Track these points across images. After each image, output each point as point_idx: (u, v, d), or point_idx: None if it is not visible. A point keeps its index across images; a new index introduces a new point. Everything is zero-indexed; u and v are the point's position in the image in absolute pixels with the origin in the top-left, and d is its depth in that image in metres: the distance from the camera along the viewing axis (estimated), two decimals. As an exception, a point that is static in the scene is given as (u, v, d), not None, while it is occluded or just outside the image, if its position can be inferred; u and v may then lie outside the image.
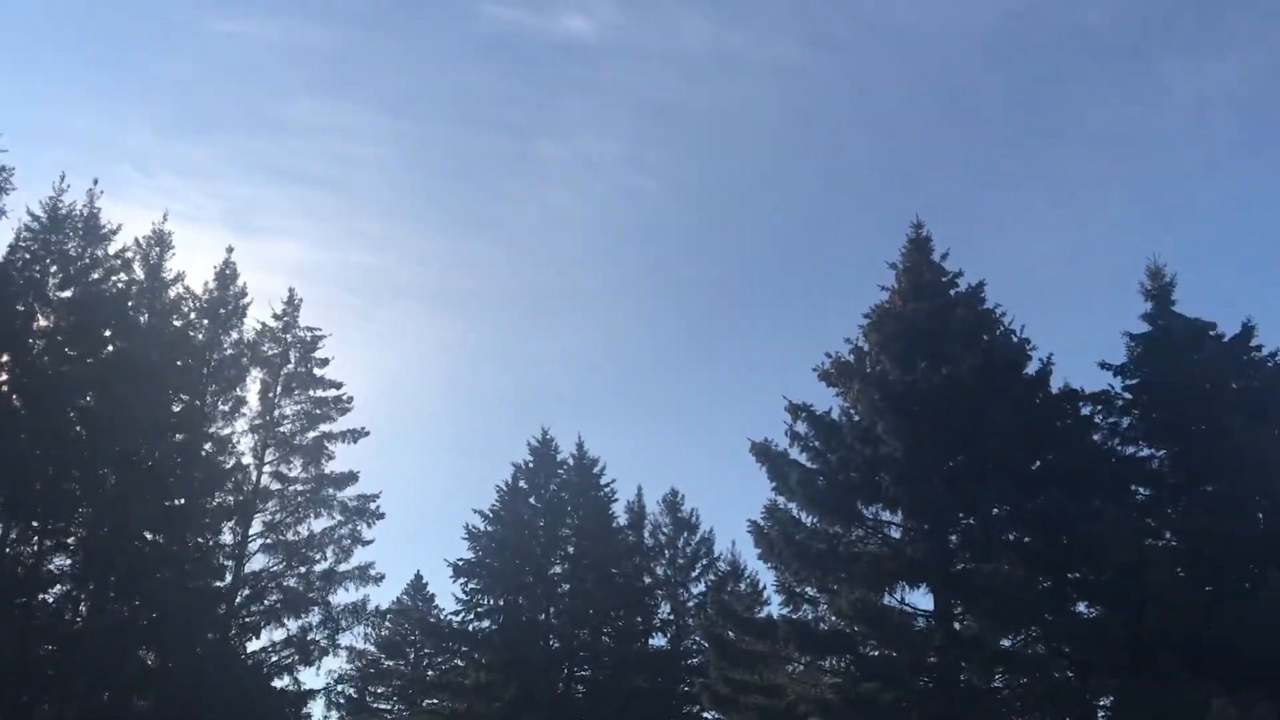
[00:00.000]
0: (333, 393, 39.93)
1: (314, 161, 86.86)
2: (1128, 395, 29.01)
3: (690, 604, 47.59)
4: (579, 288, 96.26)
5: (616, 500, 47.55)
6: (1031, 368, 29.14)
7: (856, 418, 29.50)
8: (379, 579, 38.56)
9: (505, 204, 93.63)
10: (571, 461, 47.47)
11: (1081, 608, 27.89)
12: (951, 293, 30.41)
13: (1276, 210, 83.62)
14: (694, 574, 49.20)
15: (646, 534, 49.73)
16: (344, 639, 38.46)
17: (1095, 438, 28.89)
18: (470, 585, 45.38)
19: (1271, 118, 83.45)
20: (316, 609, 37.21)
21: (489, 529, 45.63)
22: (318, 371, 39.96)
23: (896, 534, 28.91)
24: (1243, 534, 25.58)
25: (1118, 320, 29.21)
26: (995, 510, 28.16)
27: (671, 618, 47.84)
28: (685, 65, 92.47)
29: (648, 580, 48.53)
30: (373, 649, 54.59)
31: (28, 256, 32.67)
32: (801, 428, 29.91)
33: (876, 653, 27.46)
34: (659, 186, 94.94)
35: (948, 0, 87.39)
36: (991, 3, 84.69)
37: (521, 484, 46.74)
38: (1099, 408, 29.15)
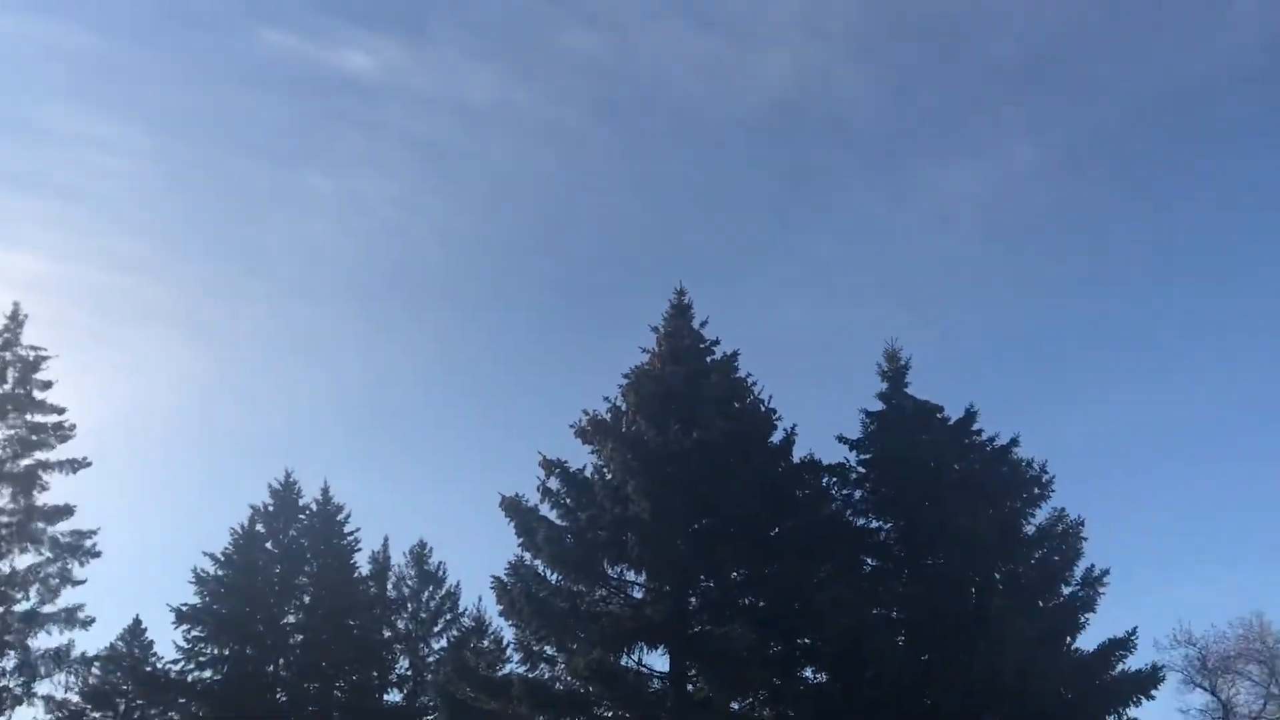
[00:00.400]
0: (54, 418, 36.85)
1: (61, 170, 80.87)
2: (862, 469, 30.52)
3: (431, 659, 46.23)
4: (338, 327, 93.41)
5: (360, 549, 45.83)
6: (776, 437, 30.33)
7: (609, 476, 29.65)
8: (88, 623, 35.60)
9: (268, 235, 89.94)
10: (315, 507, 45.44)
11: (809, 673, 28.90)
12: (708, 359, 31.24)
13: (1004, 306, 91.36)
14: (436, 629, 47.96)
15: (390, 586, 48.14)
16: (42, 687, 35.16)
17: (831, 508, 30.15)
18: (194, 633, 42.44)
19: (1003, 224, 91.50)
20: (13, 653, 33.86)
21: (219, 573, 42.91)
22: (38, 394, 36.82)
23: (639, 594, 29.14)
24: (955, 608, 27.19)
25: (858, 398, 30.82)
26: (734, 574, 28.89)
27: (410, 673, 46.31)
28: (467, 115, 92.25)
29: (387, 634, 46.88)
30: (76, 699, 49.95)
31: None
32: (554, 484, 29.81)
33: (610, 714, 27.42)
34: (429, 232, 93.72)
35: (723, 84, 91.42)
36: (763, 91, 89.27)
37: (259, 527, 44.31)
38: (835, 479, 30.51)
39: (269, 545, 44.13)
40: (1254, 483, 77.01)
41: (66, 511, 35.72)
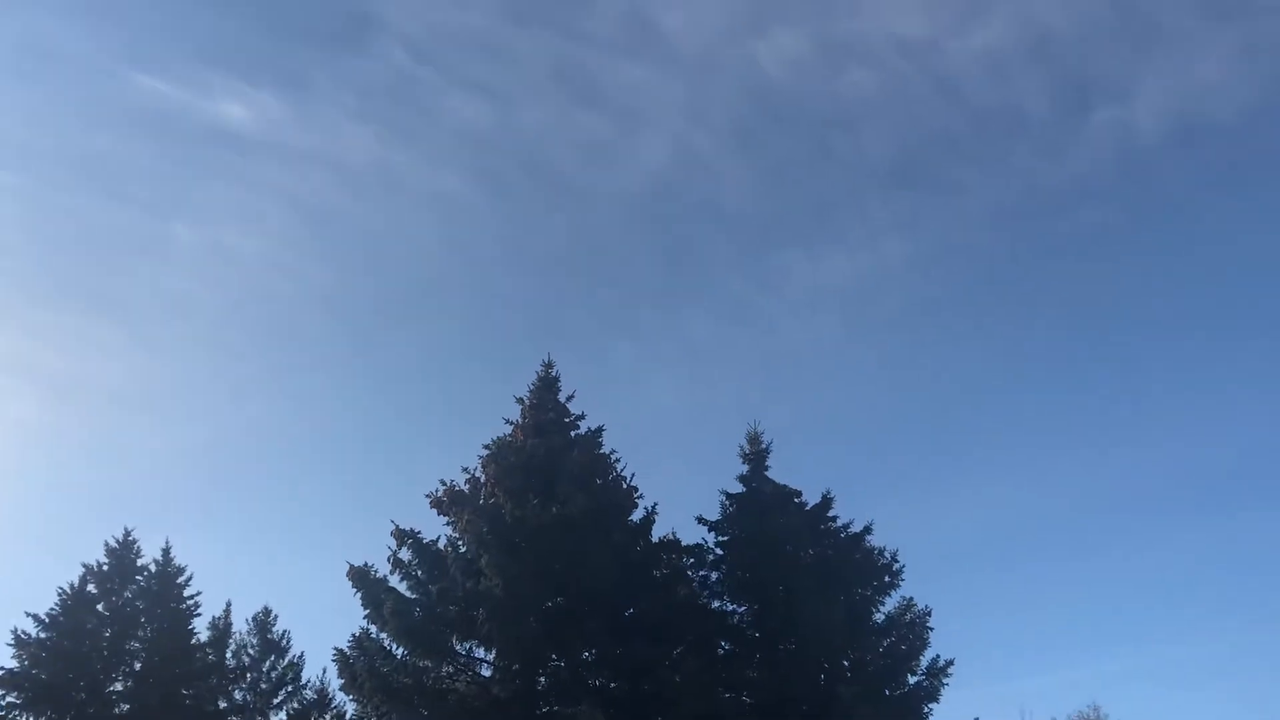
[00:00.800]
0: None
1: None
2: (719, 551, 30.59)
3: (269, 733, 44.05)
4: (194, 384, 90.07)
5: (200, 614, 43.52)
6: (637, 515, 30.23)
7: (463, 549, 29.05)
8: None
9: (127, 284, 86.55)
10: (154, 568, 43.09)
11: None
12: (572, 434, 31.04)
13: (865, 396, 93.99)
14: (277, 701, 45.69)
15: (230, 654, 45.79)
16: None
17: (687, 589, 30.07)
18: (8, 699, 39.50)
19: (868, 316, 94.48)
20: None
21: (42, 636, 40.16)
22: None
23: (487, 672, 28.42)
24: (804, 694, 27.28)
25: (721, 478, 31.07)
26: (586, 654, 28.44)
27: (246, 747, 43.97)
28: (345, 175, 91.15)
29: (224, 704, 44.44)
30: None
31: None
32: (406, 555, 29.07)
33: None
34: (298, 290, 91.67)
35: (605, 162, 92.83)
36: (644, 171, 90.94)
37: (91, 588, 41.71)
38: (692, 560, 30.50)
39: (100, 607, 41.53)
40: (1094, 579, 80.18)
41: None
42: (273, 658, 46.34)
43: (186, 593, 43.01)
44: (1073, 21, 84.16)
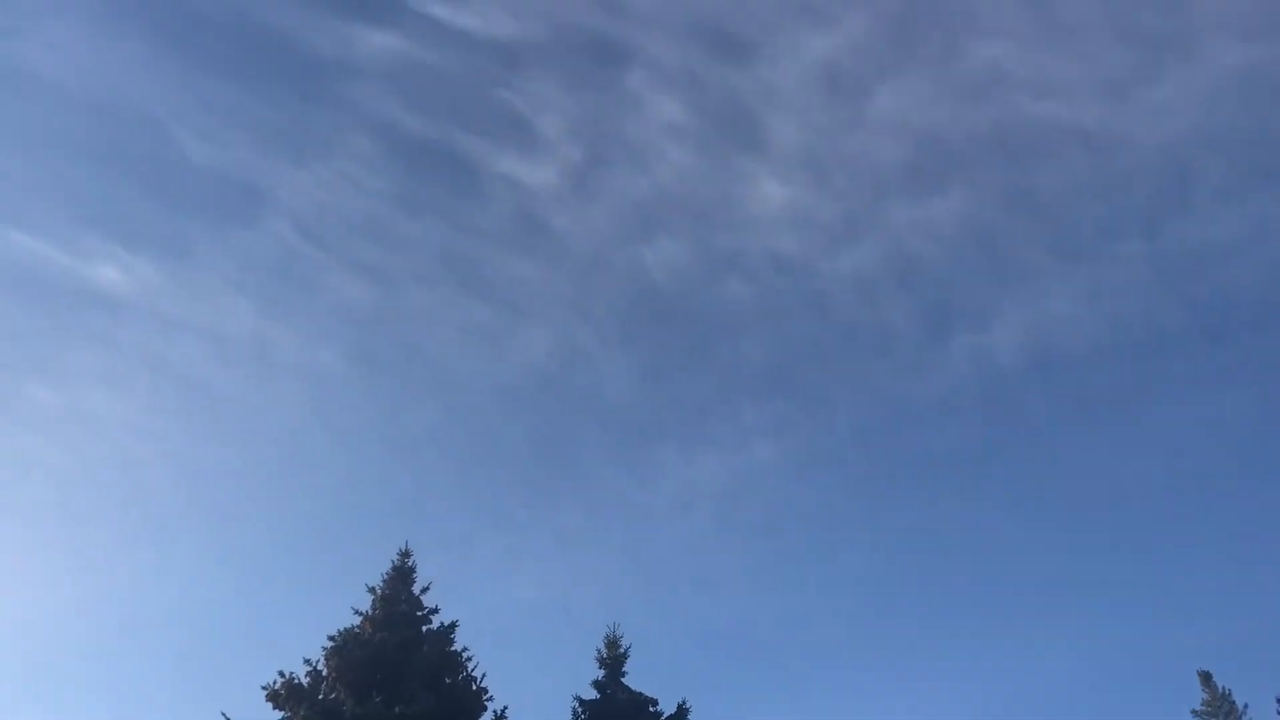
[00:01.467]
0: None
1: None
2: (570, 759, 29.40)
3: None
4: (40, 549, 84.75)
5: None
6: (486, 718, 28.87)
7: (297, 747, 27.23)
8: None
9: None
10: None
11: None
12: (424, 628, 29.91)
13: (732, 599, 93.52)
14: None
15: None
16: None
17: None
18: None
19: (739, 516, 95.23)
20: None
21: None
22: None
23: None
24: None
25: (580, 680, 30.15)
26: None
27: None
28: (220, 344, 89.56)
29: None
30: None
31: None
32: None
33: None
34: (159, 457, 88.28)
35: (486, 349, 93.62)
36: (525, 361, 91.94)
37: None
38: (540, 769, 29.19)
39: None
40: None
41: None
42: None
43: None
44: (938, 251, 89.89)
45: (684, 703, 30.65)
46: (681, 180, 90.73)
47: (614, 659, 30.93)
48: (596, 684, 30.59)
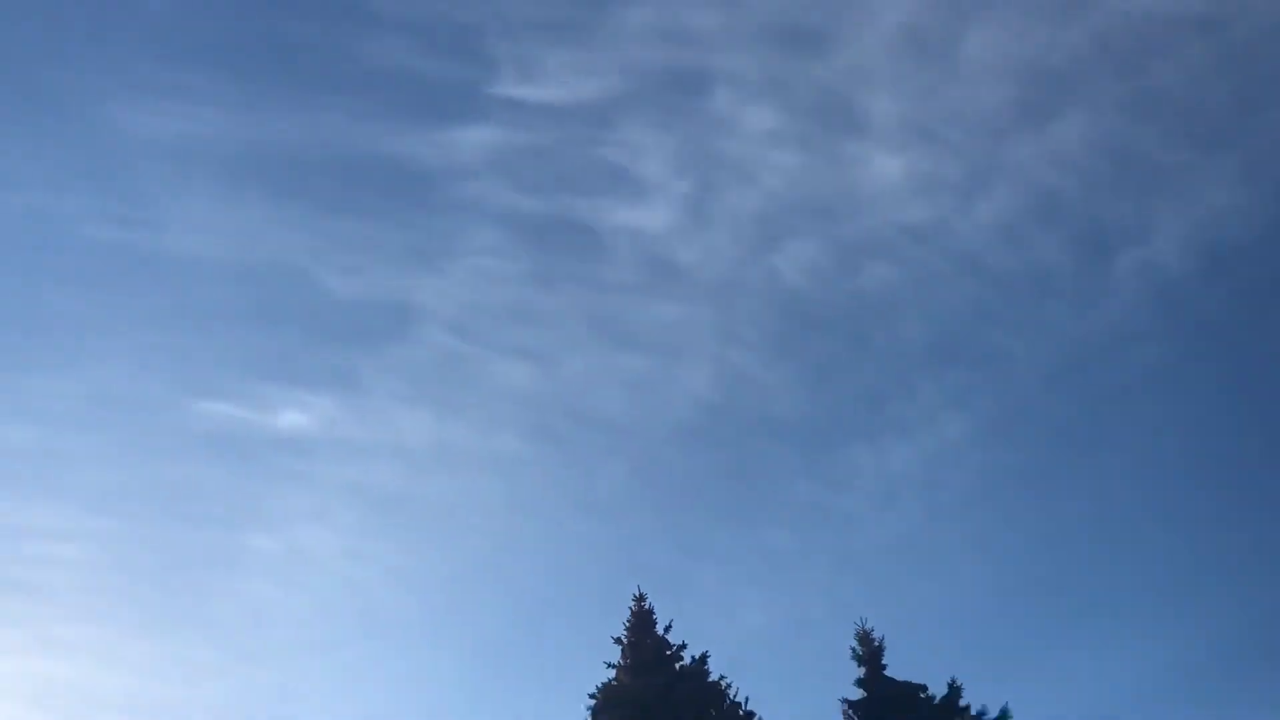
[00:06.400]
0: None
1: (6, 566, 79.19)
2: (856, 765, 28.85)
3: None
4: (290, 689, 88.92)
5: None
6: (760, 742, 28.76)
7: (589, 808, 27.64)
8: None
9: (213, 602, 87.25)
10: None
11: None
12: (677, 666, 30.06)
13: (960, 576, 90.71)
14: None
15: None
16: None
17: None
18: None
19: (943, 496, 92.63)
20: None
21: None
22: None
23: None
24: None
25: (835, 687, 29.65)
26: None
27: None
28: (404, 458, 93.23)
29: None
30: None
31: None
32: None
33: None
34: (379, 577, 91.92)
35: (650, 396, 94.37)
36: (690, 399, 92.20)
37: None
38: (831, 779, 28.76)
39: None
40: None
41: None
42: None
43: None
44: (1073, 177, 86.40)
45: (953, 681, 29.79)
46: (793, 182, 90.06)
47: (871, 653, 30.30)
48: (859, 682, 30.01)
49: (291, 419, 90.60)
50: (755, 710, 29.16)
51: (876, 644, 30.56)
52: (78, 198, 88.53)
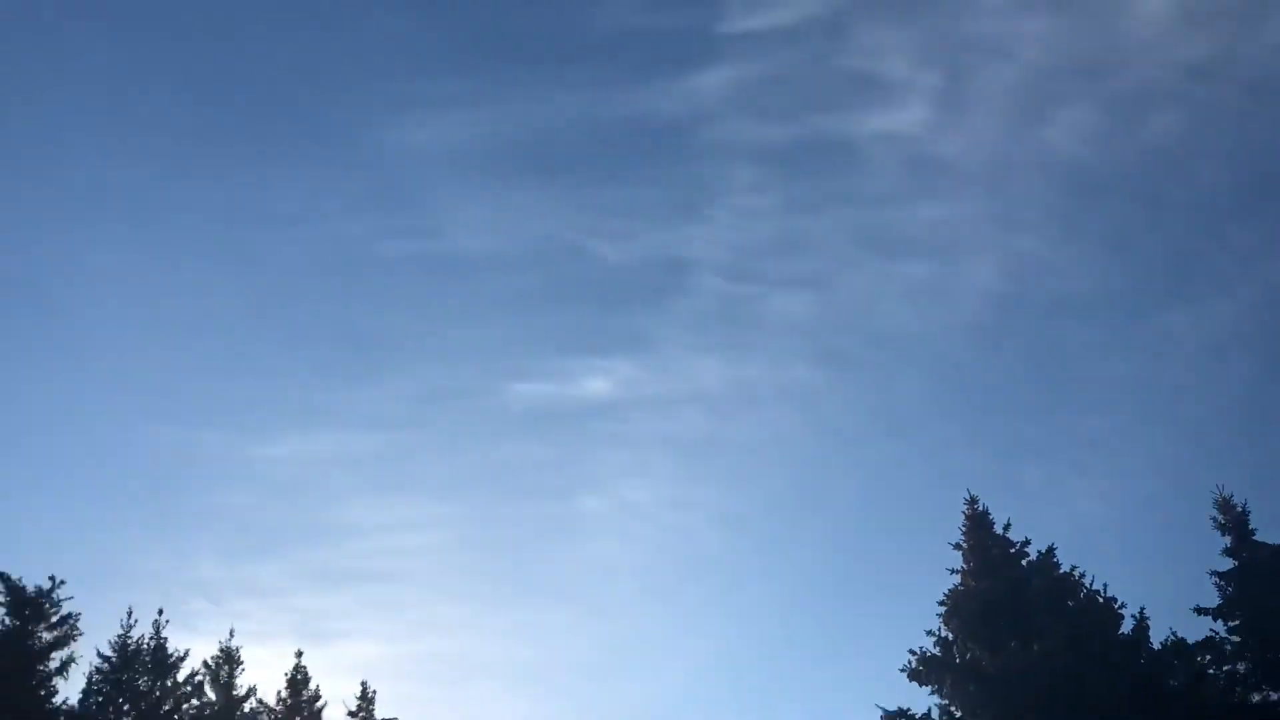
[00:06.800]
0: (418, 785, 38.46)
1: (373, 560, 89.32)
2: (1234, 639, 27.13)
3: None
4: (640, 635, 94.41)
5: None
6: (1126, 627, 27.66)
7: (957, 714, 27.75)
8: None
9: (558, 566, 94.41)
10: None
11: None
12: (1023, 563, 29.41)
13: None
14: None
15: None
16: None
17: (1214, 690, 26.74)
18: None
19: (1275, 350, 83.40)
20: None
21: None
22: (398, 762, 38.55)
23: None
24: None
25: (1194, 562, 27.79)
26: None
27: None
28: (706, 404, 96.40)
29: None
30: None
31: (100, 699, 32.73)
32: (903, 737, 28.11)
33: None
34: (702, 520, 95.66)
35: (931, 302, 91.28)
36: (973, 295, 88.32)
37: None
38: (1209, 656, 27.21)
39: None
40: None
41: None
42: None
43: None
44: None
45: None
46: (1050, 46, 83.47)
47: (1234, 520, 28.33)
48: (1228, 551, 28.17)
49: (596, 386, 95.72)
50: (1117, 597, 28.03)
51: (1239, 510, 28.54)
52: (366, 218, 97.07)
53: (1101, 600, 28.20)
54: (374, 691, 40.05)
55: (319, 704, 38.47)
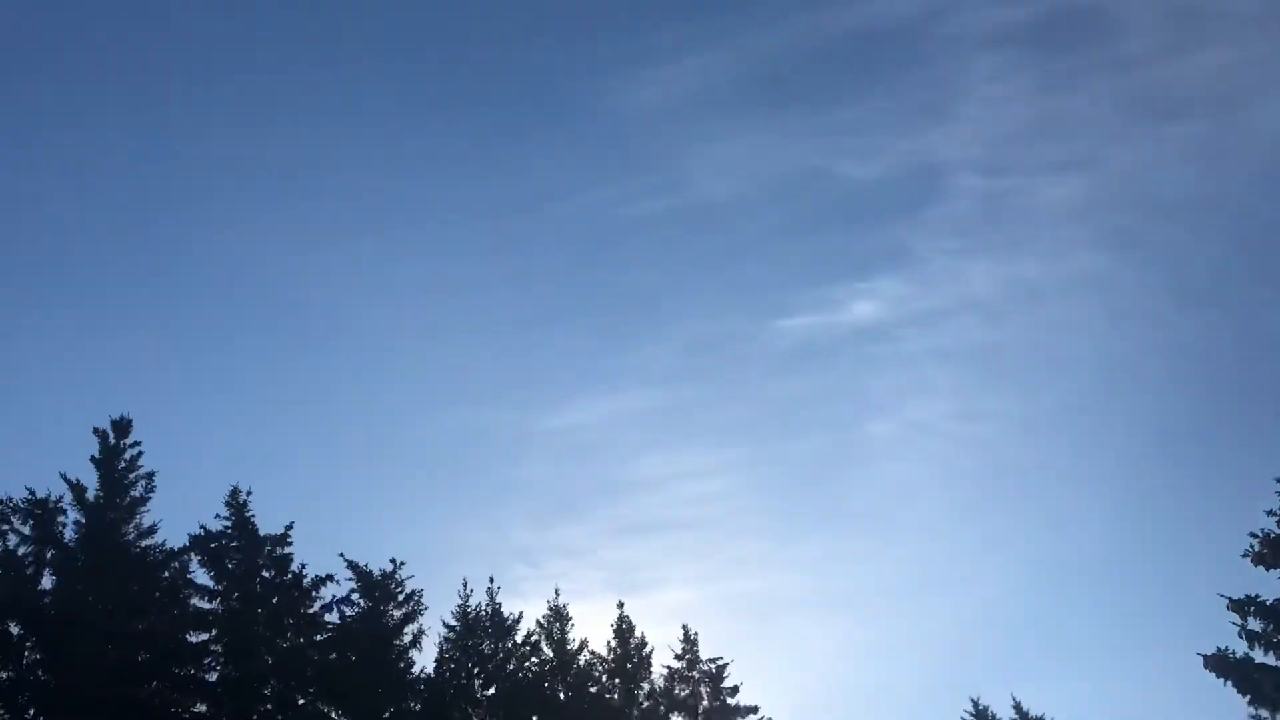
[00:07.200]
0: (751, 719, 39.56)
1: (670, 510, 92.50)
2: None
3: None
4: (945, 553, 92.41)
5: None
6: None
7: (1316, 593, 25.52)
8: None
9: (852, 493, 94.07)
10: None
11: None
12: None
13: None
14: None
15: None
16: None
17: None
18: None
19: None
20: None
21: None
22: (730, 700, 39.84)
23: None
24: None
25: None
26: None
27: None
28: (980, 309, 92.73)
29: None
30: None
31: (453, 666, 35.66)
32: (1255, 624, 26.21)
33: None
34: (994, 429, 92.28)
35: (1214, 161, 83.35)
36: (1265, 143, 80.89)
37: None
38: None
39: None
40: None
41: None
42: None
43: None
44: None
45: None
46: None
47: None
48: None
49: (863, 309, 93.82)
50: None
51: None
52: (610, 184, 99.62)
53: None
54: (696, 634, 41.56)
55: (646, 650, 40.33)
